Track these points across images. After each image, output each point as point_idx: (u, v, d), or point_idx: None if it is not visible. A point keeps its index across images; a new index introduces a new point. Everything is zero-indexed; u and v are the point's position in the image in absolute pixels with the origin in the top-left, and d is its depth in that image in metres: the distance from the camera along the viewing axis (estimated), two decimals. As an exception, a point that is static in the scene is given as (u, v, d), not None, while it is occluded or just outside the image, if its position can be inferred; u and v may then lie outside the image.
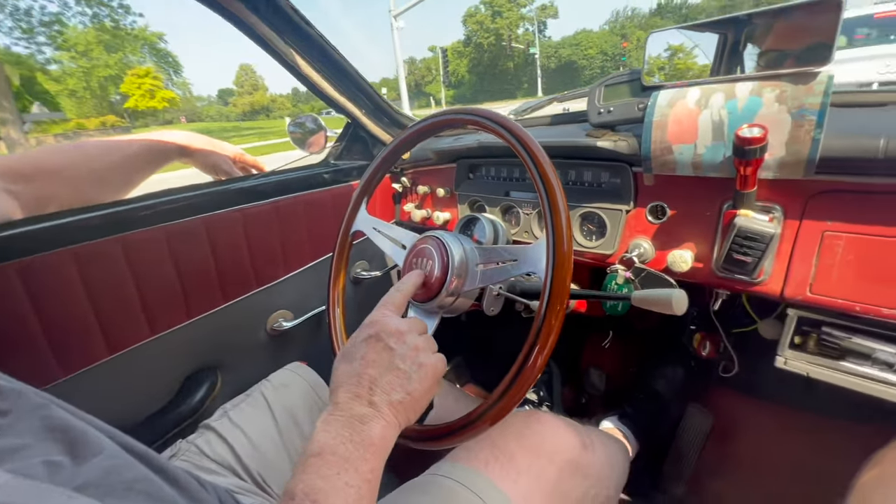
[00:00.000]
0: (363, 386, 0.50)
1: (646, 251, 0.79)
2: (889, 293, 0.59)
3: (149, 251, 0.87)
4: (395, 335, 0.54)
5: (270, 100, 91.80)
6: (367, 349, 0.53)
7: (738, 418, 1.25)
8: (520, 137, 0.63)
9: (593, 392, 1.50)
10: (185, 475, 0.42)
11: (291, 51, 0.95)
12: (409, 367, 0.53)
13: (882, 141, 0.54)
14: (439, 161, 1.13)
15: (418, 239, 0.77)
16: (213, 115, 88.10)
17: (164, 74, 62.36)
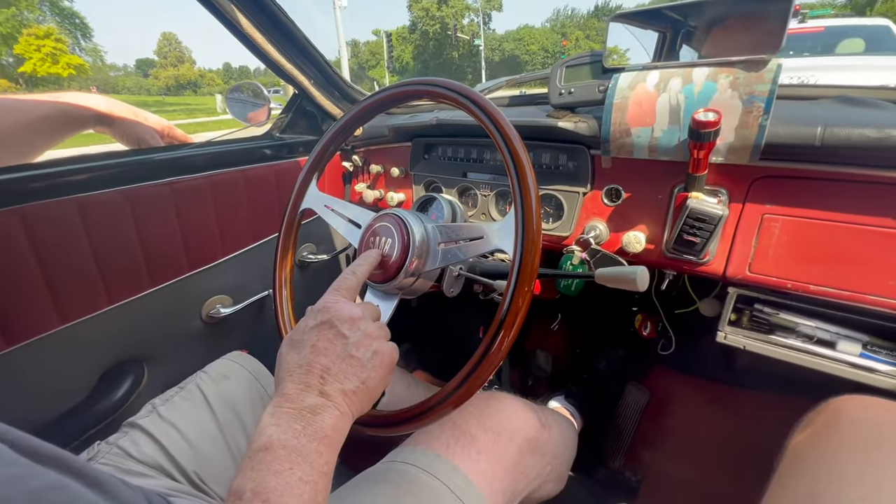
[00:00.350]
0: (314, 375, 0.46)
1: (601, 233, 0.81)
2: (816, 271, 0.65)
3: (55, 226, 0.74)
4: (348, 321, 0.51)
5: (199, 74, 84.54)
6: (318, 336, 0.49)
7: (672, 394, 1.34)
8: (488, 111, 0.60)
9: (539, 374, 1.54)
10: (110, 478, 0.36)
11: (232, 6, 0.85)
12: (363, 355, 0.50)
13: (819, 129, 0.58)
14: (394, 139, 1.08)
15: (375, 217, 0.73)
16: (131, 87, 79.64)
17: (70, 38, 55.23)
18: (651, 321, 1.20)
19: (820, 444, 0.52)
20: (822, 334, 0.72)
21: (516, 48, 59.34)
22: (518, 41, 60.04)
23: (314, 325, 0.50)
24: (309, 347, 0.48)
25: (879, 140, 0.55)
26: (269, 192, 1.08)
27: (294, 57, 1.00)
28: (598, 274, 0.62)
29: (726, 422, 1.26)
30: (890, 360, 0.66)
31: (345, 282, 0.58)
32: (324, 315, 0.51)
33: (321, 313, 0.51)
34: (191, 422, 0.70)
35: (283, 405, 0.44)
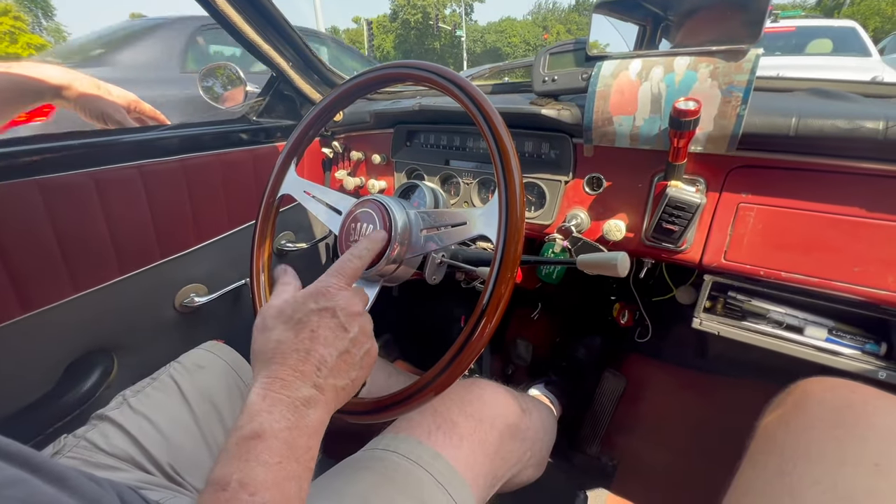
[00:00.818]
0: (310, 364, 0.44)
1: (582, 221, 0.82)
2: (788, 258, 0.67)
3: (17, 210, 0.70)
4: (352, 316, 0.49)
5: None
6: (320, 323, 0.47)
7: (648, 381, 1.38)
8: (473, 97, 0.60)
9: (520, 362, 1.56)
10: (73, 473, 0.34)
11: (204, -20, 0.82)
12: (357, 352, 0.48)
13: (793, 120, 0.60)
14: (376, 125, 1.06)
15: (356, 203, 0.71)
16: (97, 69, 75.88)
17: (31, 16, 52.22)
18: (629, 309, 1.22)
19: (788, 423, 0.54)
20: (791, 320, 0.75)
21: (498, 40, 59.17)
22: (500, 33, 59.87)
23: (317, 310, 0.47)
24: (308, 332, 0.46)
25: (850, 131, 0.56)
26: (246, 177, 1.04)
27: (271, 38, 0.97)
28: (579, 260, 0.63)
29: (700, 407, 1.30)
30: (853, 345, 0.69)
31: (348, 266, 0.55)
32: (327, 301, 0.48)
33: (324, 298, 0.48)
34: (164, 413, 0.68)
35: (279, 391, 0.41)
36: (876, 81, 0.71)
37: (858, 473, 0.45)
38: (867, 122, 0.56)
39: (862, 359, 0.67)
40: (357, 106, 1.11)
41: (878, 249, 0.61)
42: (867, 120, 0.56)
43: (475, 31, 60.05)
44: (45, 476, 0.31)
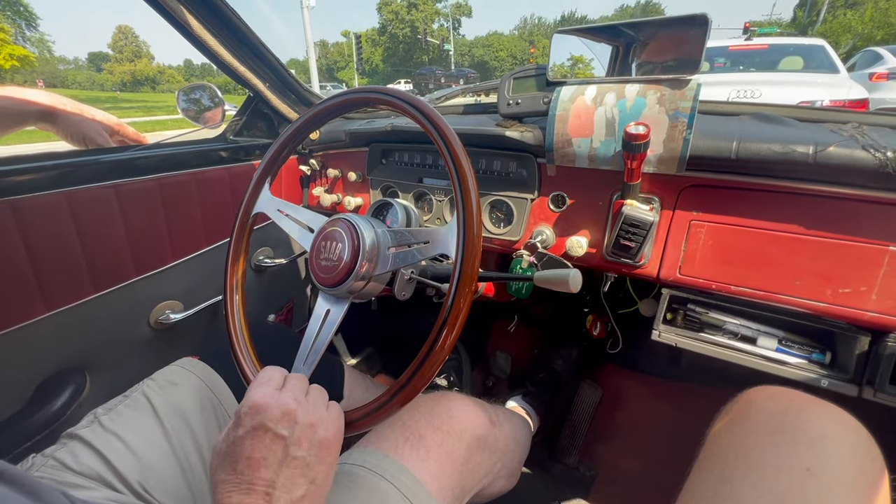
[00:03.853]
0: (257, 494, 0.43)
1: (548, 237, 0.85)
2: (736, 273, 0.71)
3: None
4: (283, 419, 0.47)
5: (157, 70, 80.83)
6: (253, 445, 0.45)
7: (623, 390, 1.40)
8: (433, 120, 0.63)
9: (499, 374, 1.58)
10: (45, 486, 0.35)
11: (181, 7, 0.84)
12: (307, 453, 0.47)
13: (734, 144, 0.64)
14: (351, 143, 1.09)
15: (327, 222, 0.74)
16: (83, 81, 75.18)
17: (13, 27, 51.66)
18: (601, 321, 1.25)
19: (733, 430, 0.56)
20: (745, 331, 0.78)
21: (485, 54, 60.20)
22: (487, 47, 60.96)
23: (245, 433, 0.46)
24: (244, 461, 0.44)
25: (784, 154, 0.60)
26: (223, 195, 1.06)
27: (247, 60, 1.00)
28: (536, 277, 0.66)
29: (675, 415, 1.33)
30: (801, 354, 0.73)
31: (270, 374, 0.55)
32: (253, 418, 0.47)
33: (250, 416, 0.47)
34: (135, 431, 0.68)
35: None
36: (810, 107, 0.75)
37: (792, 478, 0.48)
38: (799, 146, 0.60)
39: (808, 368, 0.70)
40: (334, 125, 1.14)
41: (815, 264, 0.65)
42: (799, 144, 0.60)
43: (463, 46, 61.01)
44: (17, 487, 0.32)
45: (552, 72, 0.77)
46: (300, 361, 0.73)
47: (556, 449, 1.38)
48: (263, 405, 0.48)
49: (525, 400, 1.32)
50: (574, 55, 0.80)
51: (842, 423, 0.52)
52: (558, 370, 1.42)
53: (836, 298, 0.64)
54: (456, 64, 48.41)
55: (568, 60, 0.82)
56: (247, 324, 0.81)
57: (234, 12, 0.90)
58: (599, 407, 1.40)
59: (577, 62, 0.83)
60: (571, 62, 0.83)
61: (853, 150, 0.57)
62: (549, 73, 0.77)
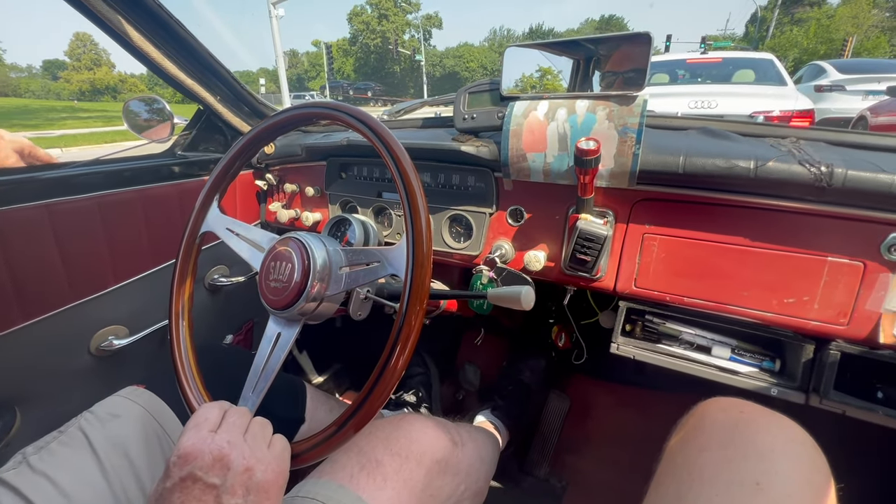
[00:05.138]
0: None
1: (507, 252, 0.84)
2: (688, 285, 0.72)
3: None
4: (215, 466, 0.45)
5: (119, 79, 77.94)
6: (182, 499, 0.43)
7: (590, 400, 1.41)
8: (382, 136, 0.61)
9: (469, 388, 1.56)
10: None
11: (119, 17, 0.80)
12: (242, 501, 0.45)
13: (681, 158, 0.65)
14: (308, 158, 1.06)
15: (278, 241, 0.71)
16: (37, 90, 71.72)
17: (-41, 33, 48.84)
18: (565, 332, 1.26)
19: (687, 445, 0.56)
20: (701, 340, 0.79)
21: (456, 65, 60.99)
22: (458, 58, 61.81)
23: (174, 485, 0.44)
24: None
25: (727, 169, 0.62)
26: (171, 212, 1.01)
27: (195, 72, 0.96)
28: (490, 294, 0.65)
29: (642, 423, 1.34)
30: (753, 362, 0.74)
31: (205, 413, 0.52)
32: (182, 468, 0.44)
33: (178, 466, 0.45)
34: (69, 471, 0.63)
35: None
36: (752, 122, 0.78)
37: (743, 493, 0.48)
38: (741, 161, 0.61)
39: (759, 376, 0.72)
40: (290, 138, 1.11)
41: (761, 275, 0.66)
42: (741, 159, 0.61)
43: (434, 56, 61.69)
44: None
45: (506, 86, 0.77)
46: (249, 389, 0.69)
47: (526, 461, 1.36)
48: (193, 453, 0.45)
49: (494, 414, 1.31)
50: (542, 67, 0.81)
51: (790, 435, 0.52)
52: (527, 382, 1.42)
53: (782, 308, 0.66)
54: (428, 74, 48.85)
55: (536, 72, 0.82)
56: (194, 350, 0.77)
57: (178, 22, 0.86)
58: (568, 417, 1.40)
59: (545, 73, 0.83)
60: (540, 74, 0.83)
61: (791, 165, 0.59)
62: (503, 88, 0.76)
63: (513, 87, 0.78)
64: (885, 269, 0.60)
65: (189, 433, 0.49)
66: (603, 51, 0.75)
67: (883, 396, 0.65)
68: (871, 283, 0.61)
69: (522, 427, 1.36)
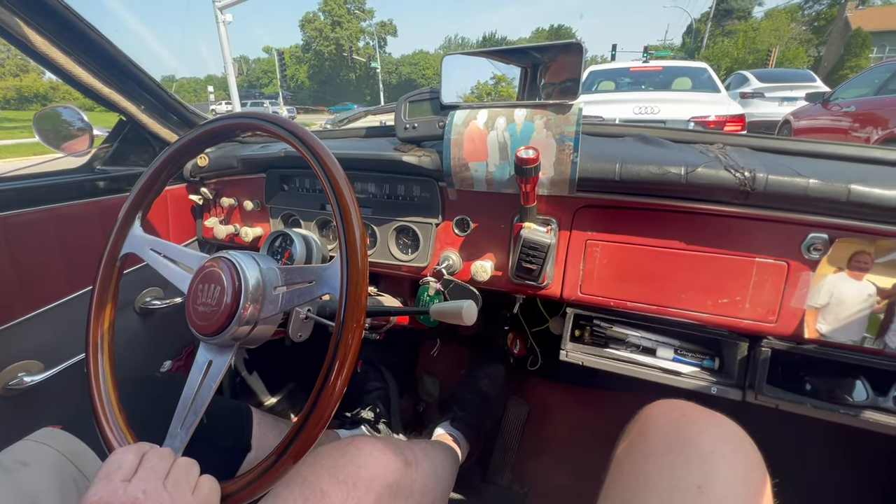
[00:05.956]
0: None
1: (454, 263, 0.83)
2: (630, 289, 0.73)
3: None
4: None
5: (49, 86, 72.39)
6: None
7: (549, 403, 1.42)
8: (313, 147, 0.58)
9: (429, 399, 1.53)
10: None
11: (17, 20, 0.72)
12: None
13: (617, 165, 0.66)
14: (245, 170, 1.00)
15: (206, 261, 0.66)
16: (-49, 98, 65.27)
17: None
18: (520, 339, 1.26)
19: (633, 452, 0.56)
20: (646, 343, 0.81)
21: (413, 72, 61.21)
22: (414, 65, 62.05)
23: None
24: None
25: (660, 175, 0.63)
26: (90, 233, 0.92)
27: (113, 80, 0.88)
28: (432, 310, 0.63)
29: (600, 424, 1.36)
30: (694, 362, 0.77)
31: (118, 460, 0.47)
32: None
33: None
34: None
35: None
36: (683, 129, 0.81)
37: (685, 498, 0.48)
38: (672, 167, 0.63)
39: (700, 376, 0.74)
40: (225, 150, 1.05)
41: (697, 277, 0.68)
42: (672, 166, 0.63)
43: (390, 64, 61.61)
44: None
45: (445, 95, 0.75)
46: (176, 424, 0.64)
47: (488, 470, 1.35)
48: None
49: (453, 425, 1.29)
50: (497, 74, 0.80)
51: (728, 436, 0.54)
52: (485, 389, 1.41)
53: (717, 308, 0.68)
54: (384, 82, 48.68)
55: (491, 79, 0.82)
56: (115, 384, 0.70)
57: (90, 25, 0.79)
58: (528, 422, 1.40)
59: (499, 81, 0.83)
60: (494, 81, 0.83)
61: (718, 171, 0.61)
62: (443, 96, 0.75)
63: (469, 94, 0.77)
64: (806, 268, 0.63)
65: (98, 485, 0.44)
66: (547, 59, 0.75)
67: (811, 388, 0.69)
68: (795, 282, 0.64)
69: (483, 436, 1.34)
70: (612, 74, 5.32)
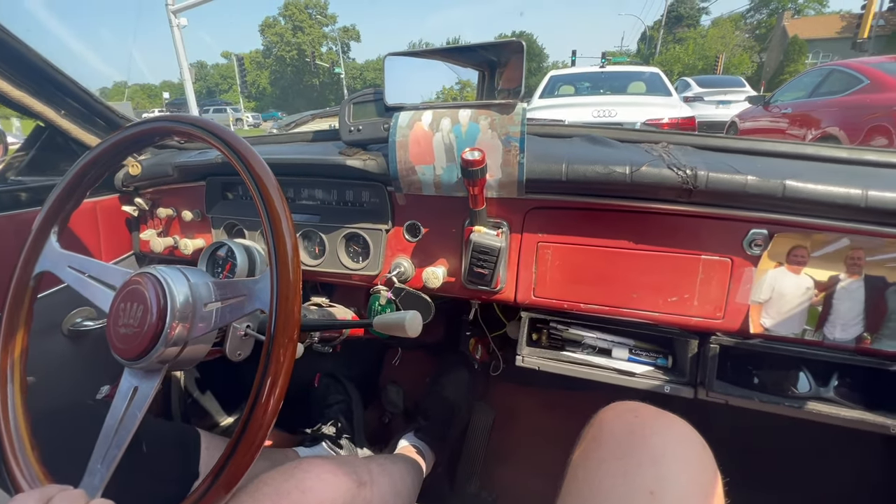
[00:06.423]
0: None
1: (406, 270, 0.80)
2: (583, 291, 0.72)
3: None
4: None
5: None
6: None
7: (514, 407, 1.40)
8: (239, 151, 0.54)
9: (394, 410, 1.49)
10: None
11: None
12: None
13: (563, 166, 0.65)
14: (182, 178, 0.94)
15: (130, 277, 0.61)
16: None
17: None
18: (482, 344, 1.24)
19: (587, 459, 0.55)
20: (602, 343, 0.80)
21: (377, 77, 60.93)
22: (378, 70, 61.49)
23: None
24: None
25: (606, 175, 0.63)
26: (4, 250, 0.84)
27: (26, 82, 0.80)
28: (375, 323, 0.60)
29: (563, 425, 1.35)
30: (648, 360, 0.77)
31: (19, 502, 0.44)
32: None
33: None
34: None
35: None
36: (629, 128, 0.82)
37: (638, 503, 0.47)
38: (617, 167, 0.62)
39: (654, 375, 0.74)
40: (161, 156, 0.98)
41: (646, 276, 0.68)
42: (617, 165, 0.63)
43: (354, 69, 61.10)
44: None
45: (389, 96, 0.73)
46: (96, 460, 0.58)
47: (455, 479, 1.32)
48: None
49: (417, 436, 1.25)
50: (462, 79, 0.78)
51: (679, 436, 0.53)
52: (450, 397, 1.38)
53: (667, 307, 0.68)
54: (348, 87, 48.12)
55: (456, 84, 0.80)
56: (27, 418, 0.64)
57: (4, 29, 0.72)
58: (494, 428, 1.38)
59: (465, 86, 0.81)
60: (460, 86, 0.81)
61: (661, 169, 0.61)
62: (386, 97, 0.72)
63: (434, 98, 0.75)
64: (749, 264, 0.64)
65: None
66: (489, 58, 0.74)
67: (759, 382, 0.70)
68: (739, 278, 0.65)
69: (449, 444, 1.31)
70: (573, 79, 5.47)
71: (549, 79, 5.36)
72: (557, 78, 5.44)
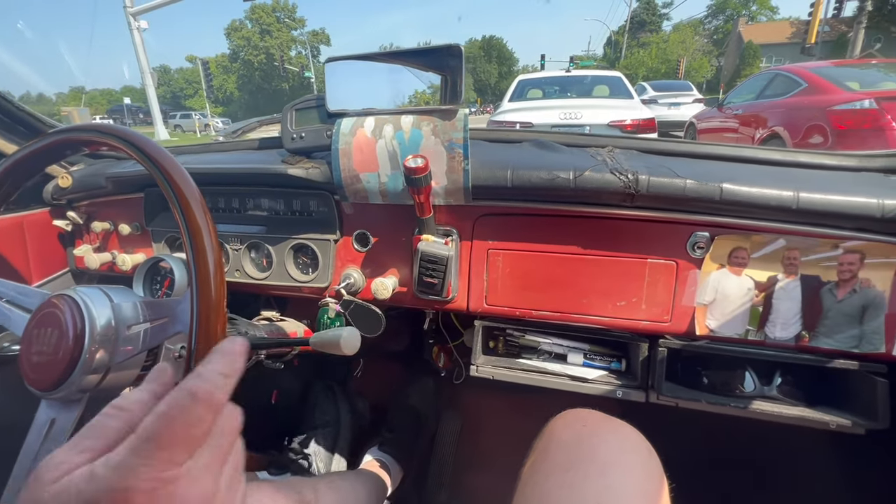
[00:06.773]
0: None
1: (356, 281, 0.77)
2: (535, 297, 0.71)
3: None
4: None
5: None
6: None
7: (481, 412, 1.39)
8: (157, 160, 0.51)
9: (361, 422, 1.45)
10: None
11: None
12: None
13: (508, 172, 0.64)
14: (118, 190, 0.88)
15: (46, 300, 0.56)
16: None
17: None
18: (444, 352, 1.22)
19: (537, 471, 0.54)
20: (558, 349, 0.80)
21: (349, 81, 60.22)
22: (350, 75, 61.10)
23: None
24: None
25: (549, 181, 0.62)
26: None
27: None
28: (312, 342, 0.57)
29: (530, 427, 1.34)
30: (603, 364, 0.76)
31: (98, 429, 0.31)
32: None
33: None
34: None
35: None
36: (578, 132, 0.82)
37: (586, 516, 0.46)
38: (561, 172, 0.62)
39: (606, 380, 0.73)
40: (95, 167, 0.92)
41: (595, 281, 0.68)
42: (561, 170, 0.62)
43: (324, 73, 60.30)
44: None
45: (331, 102, 0.70)
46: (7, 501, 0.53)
47: (424, 491, 1.29)
48: None
49: (382, 450, 1.22)
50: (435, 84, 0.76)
51: (626, 444, 0.52)
52: (416, 406, 1.35)
53: (616, 311, 0.68)
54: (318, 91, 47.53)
55: (429, 89, 0.77)
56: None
57: None
58: (462, 435, 1.37)
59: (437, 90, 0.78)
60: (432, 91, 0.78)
61: (604, 174, 0.61)
62: (328, 104, 0.70)
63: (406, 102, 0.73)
64: (693, 266, 0.65)
65: (67, 451, 0.31)
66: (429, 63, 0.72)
67: (708, 383, 0.71)
68: (684, 280, 0.65)
69: (417, 456, 1.29)
70: (544, 83, 5.56)
71: (518, 83, 5.43)
72: (526, 82, 5.52)
